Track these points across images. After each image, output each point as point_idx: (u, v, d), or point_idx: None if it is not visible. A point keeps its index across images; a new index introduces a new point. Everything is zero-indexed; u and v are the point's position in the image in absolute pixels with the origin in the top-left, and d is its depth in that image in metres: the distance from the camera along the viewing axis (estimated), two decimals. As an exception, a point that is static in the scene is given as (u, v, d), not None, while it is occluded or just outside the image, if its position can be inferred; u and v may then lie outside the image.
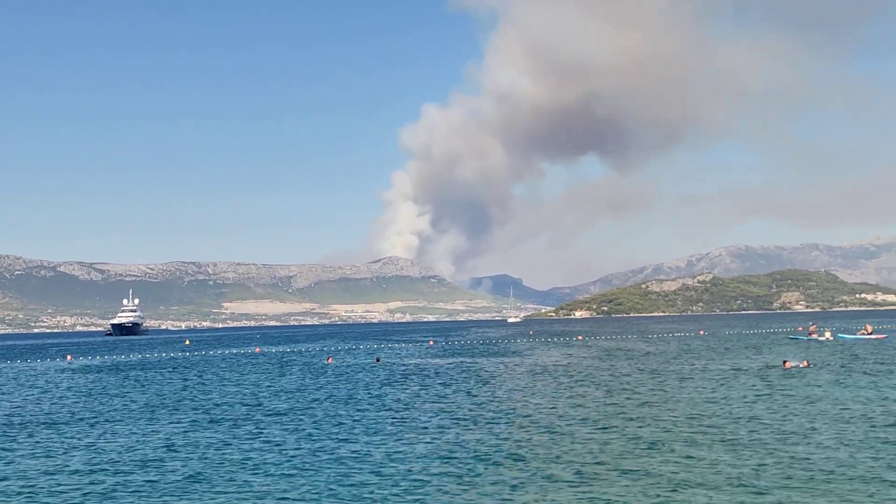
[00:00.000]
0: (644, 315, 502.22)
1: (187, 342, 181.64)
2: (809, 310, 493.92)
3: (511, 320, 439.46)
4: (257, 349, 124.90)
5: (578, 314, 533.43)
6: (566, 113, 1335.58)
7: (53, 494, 21.98)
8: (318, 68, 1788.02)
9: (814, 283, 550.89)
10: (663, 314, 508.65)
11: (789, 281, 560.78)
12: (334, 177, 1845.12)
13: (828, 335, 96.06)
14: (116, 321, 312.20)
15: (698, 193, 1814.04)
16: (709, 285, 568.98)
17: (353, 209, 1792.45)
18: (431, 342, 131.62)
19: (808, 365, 53.17)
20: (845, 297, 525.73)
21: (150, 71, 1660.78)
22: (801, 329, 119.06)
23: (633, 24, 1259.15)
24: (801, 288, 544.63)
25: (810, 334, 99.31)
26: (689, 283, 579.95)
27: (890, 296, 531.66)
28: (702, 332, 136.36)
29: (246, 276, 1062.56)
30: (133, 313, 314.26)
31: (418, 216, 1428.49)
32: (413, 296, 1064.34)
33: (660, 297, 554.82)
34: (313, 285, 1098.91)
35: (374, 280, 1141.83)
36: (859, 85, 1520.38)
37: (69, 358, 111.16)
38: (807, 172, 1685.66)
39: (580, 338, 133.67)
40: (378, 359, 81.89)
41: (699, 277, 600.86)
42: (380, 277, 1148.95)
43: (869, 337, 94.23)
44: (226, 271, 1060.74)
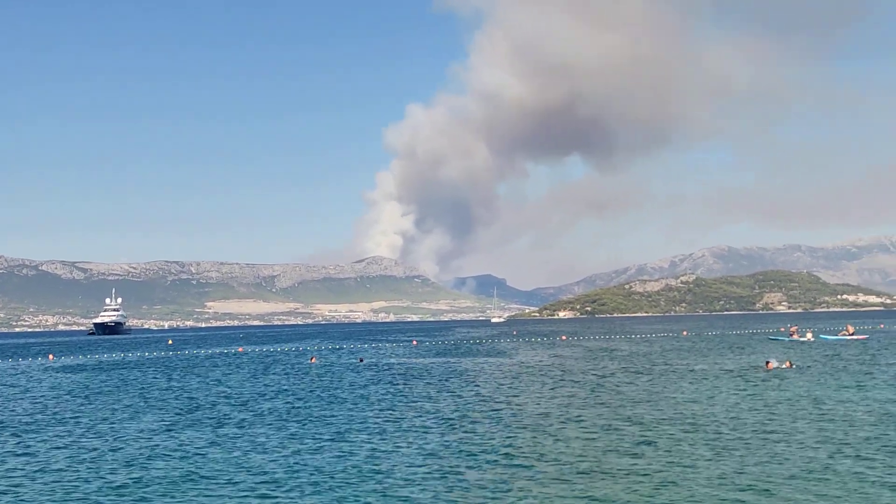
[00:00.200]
0: (627, 315, 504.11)
1: (170, 342, 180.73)
2: (792, 311, 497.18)
3: (495, 320, 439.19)
4: (240, 349, 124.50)
5: (562, 314, 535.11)
6: (550, 113, 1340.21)
7: (35, 494, 21.81)
8: (303, 68, 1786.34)
9: (796, 284, 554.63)
10: (646, 314, 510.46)
11: (772, 282, 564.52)
12: (318, 176, 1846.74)
13: (809, 336, 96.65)
14: (99, 320, 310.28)
15: (681, 194, 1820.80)
16: (692, 286, 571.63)
17: (338, 209, 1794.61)
18: (415, 342, 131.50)
19: (791, 366, 53.48)
20: (827, 298, 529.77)
21: (131, 68, 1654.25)
22: (782, 330, 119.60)
23: (618, 25, 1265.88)
24: (783, 289, 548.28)
25: (791, 335, 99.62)
26: (673, 283, 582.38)
27: (871, 297, 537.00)
28: (685, 333, 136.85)
29: (229, 275, 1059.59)
30: (116, 312, 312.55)
31: (402, 216, 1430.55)
32: (397, 296, 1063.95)
33: (643, 298, 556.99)
34: (297, 285, 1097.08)
35: (358, 280, 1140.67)
36: (841, 87, 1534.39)
37: (51, 357, 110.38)
38: (789, 174, 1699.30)
39: (564, 338, 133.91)
40: (361, 359, 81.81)
41: (682, 278, 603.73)
42: (364, 277, 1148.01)
43: (850, 338, 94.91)
44: (209, 271, 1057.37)
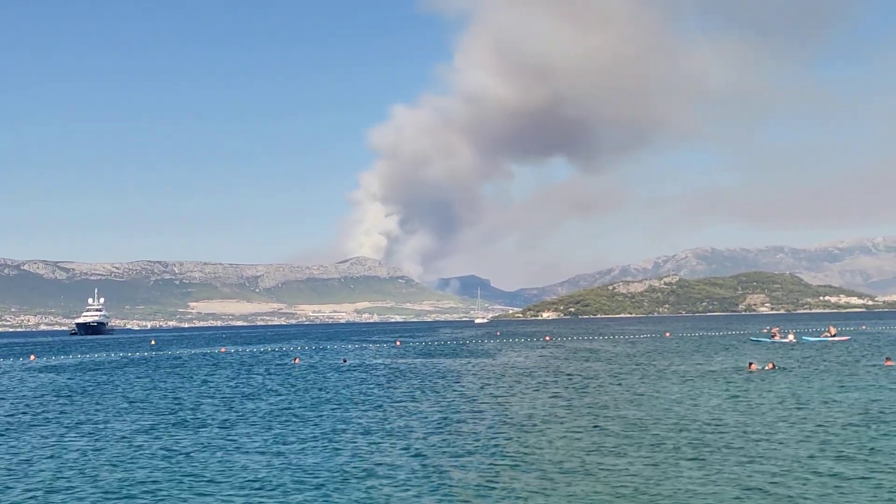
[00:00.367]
0: (611, 316, 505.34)
1: (153, 342, 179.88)
2: (774, 312, 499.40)
3: (478, 321, 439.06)
4: (223, 349, 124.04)
5: (546, 315, 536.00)
6: (535, 114, 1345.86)
7: (17, 495, 21.66)
8: (287, 68, 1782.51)
9: (779, 286, 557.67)
10: (630, 315, 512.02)
11: (755, 283, 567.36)
12: (302, 177, 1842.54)
13: (791, 337, 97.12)
14: (81, 320, 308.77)
15: (665, 195, 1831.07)
16: (675, 287, 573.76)
17: (321, 209, 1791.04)
18: (398, 343, 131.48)
19: (774, 367, 53.76)
20: (809, 300, 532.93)
21: (115, 68, 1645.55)
22: (764, 331, 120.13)
23: (600, 26, 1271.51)
24: (766, 290, 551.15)
25: (773, 336, 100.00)
26: (656, 284, 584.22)
27: (853, 298, 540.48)
28: (668, 334, 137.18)
29: (213, 275, 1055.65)
30: (98, 313, 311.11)
31: (386, 216, 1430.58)
32: (381, 296, 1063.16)
33: (626, 299, 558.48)
34: (280, 285, 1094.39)
35: (342, 280, 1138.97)
36: (821, 89, 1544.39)
37: (32, 357, 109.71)
38: (771, 175, 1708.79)
39: (547, 339, 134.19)
40: (345, 359, 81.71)
41: (665, 279, 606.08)
42: (347, 278, 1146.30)
43: (832, 339, 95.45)
44: (192, 271, 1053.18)
